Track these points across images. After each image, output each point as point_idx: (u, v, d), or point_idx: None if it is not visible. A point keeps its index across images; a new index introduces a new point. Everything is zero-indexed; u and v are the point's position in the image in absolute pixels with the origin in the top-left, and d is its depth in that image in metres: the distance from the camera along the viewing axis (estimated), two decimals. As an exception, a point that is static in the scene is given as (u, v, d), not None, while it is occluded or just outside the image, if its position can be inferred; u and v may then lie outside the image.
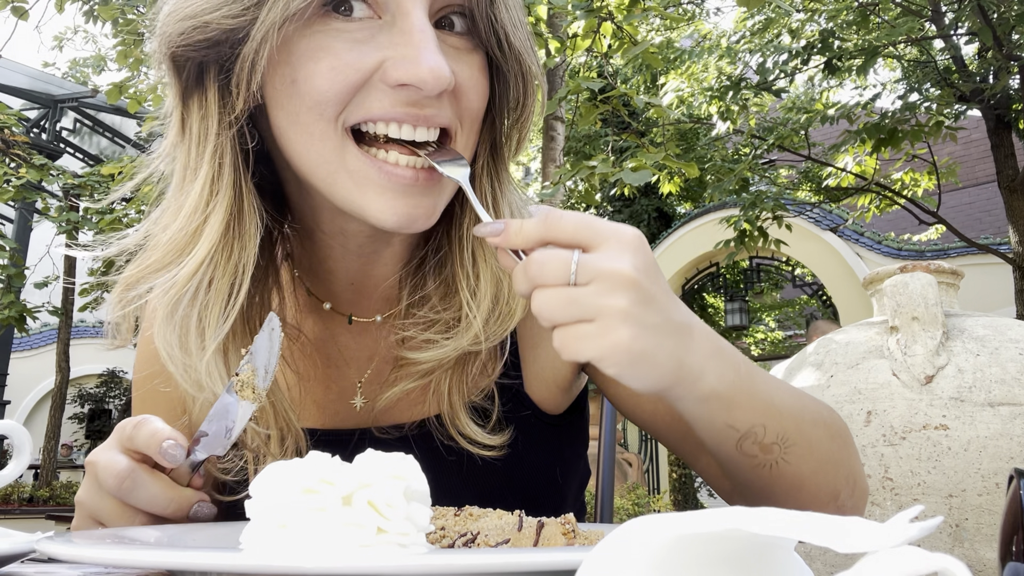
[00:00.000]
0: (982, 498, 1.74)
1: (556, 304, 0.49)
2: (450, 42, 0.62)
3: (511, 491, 0.73)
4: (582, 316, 0.49)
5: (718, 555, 0.28)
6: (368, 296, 0.74)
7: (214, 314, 0.61)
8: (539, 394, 0.77)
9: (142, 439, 0.57)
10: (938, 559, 0.21)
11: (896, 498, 1.82)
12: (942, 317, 1.94)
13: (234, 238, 0.61)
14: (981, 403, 1.81)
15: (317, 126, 0.58)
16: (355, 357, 0.75)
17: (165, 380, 0.70)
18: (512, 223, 0.51)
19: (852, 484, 0.67)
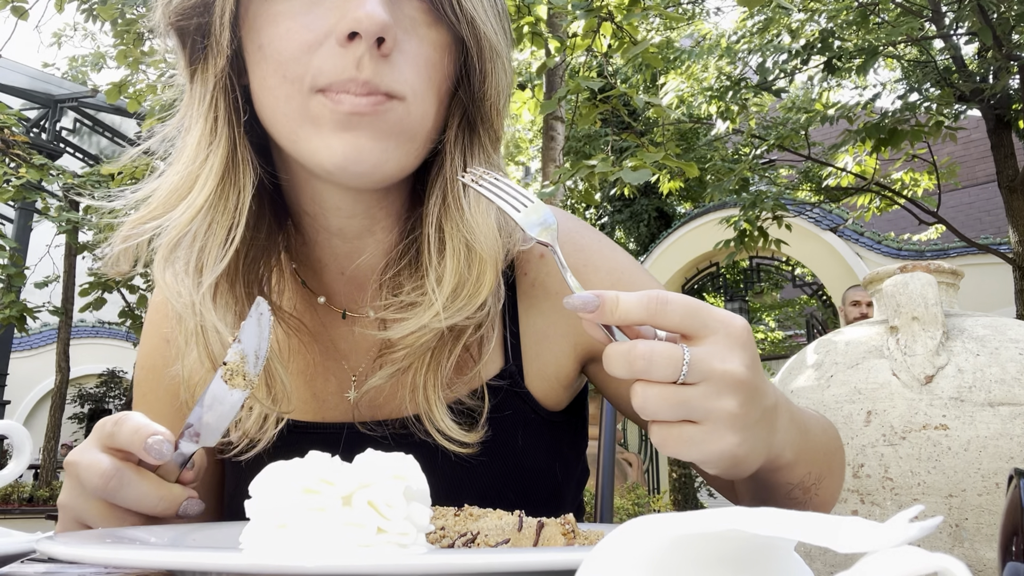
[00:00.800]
0: (982, 498, 1.74)
1: (663, 403, 0.48)
2: (407, 10, 0.62)
3: (510, 488, 0.72)
4: (689, 417, 0.48)
5: (718, 555, 0.28)
6: (360, 289, 0.74)
7: (212, 255, 0.63)
8: (540, 390, 0.77)
9: (124, 436, 0.55)
10: (938, 559, 0.21)
11: (896, 498, 1.82)
12: (942, 317, 1.94)
13: (230, 186, 0.64)
14: (981, 403, 1.81)
15: (282, 88, 0.60)
16: (351, 351, 0.75)
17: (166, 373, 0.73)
18: (608, 298, 0.49)
19: None
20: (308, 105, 0.60)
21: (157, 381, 0.79)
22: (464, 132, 0.69)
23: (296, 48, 0.59)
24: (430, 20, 0.63)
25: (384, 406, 0.74)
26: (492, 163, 0.70)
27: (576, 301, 0.50)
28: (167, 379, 0.74)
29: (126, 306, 8.23)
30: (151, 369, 0.79)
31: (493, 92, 0.67)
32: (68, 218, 7.09)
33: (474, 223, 0.66)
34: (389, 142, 0.61)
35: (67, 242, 7.57)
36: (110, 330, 12.16)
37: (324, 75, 0.59)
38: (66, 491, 0.57)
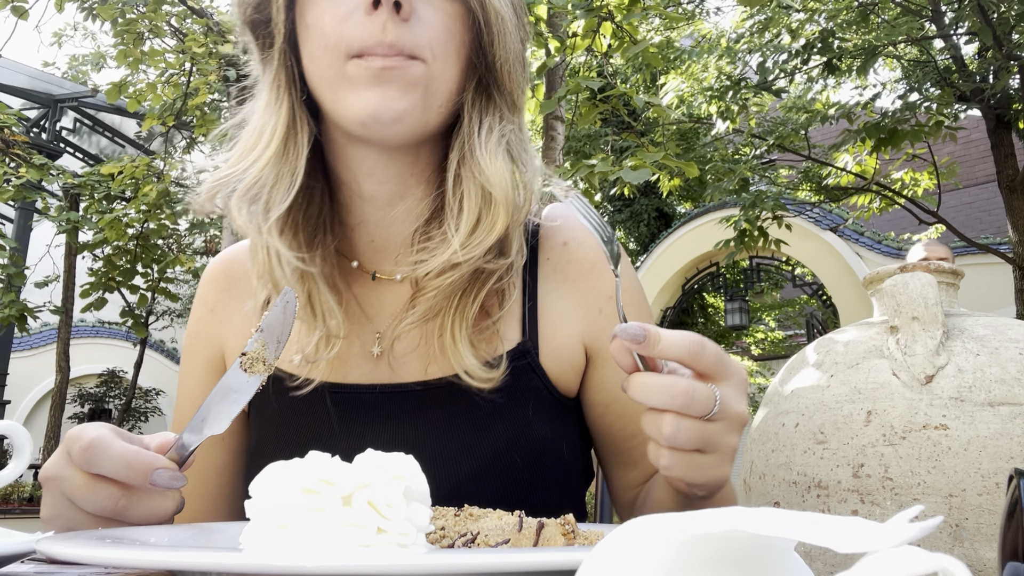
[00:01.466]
0: (982, 498, 1.74)
1: (692, 435, 0.55)
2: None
3: (518, 454, 0.76)
4: (705, 448, 0.56)
5: (718, 555, 0.28)
6: (389, 256, 0.82)
7: (277, 198, 0.73)
8: (552, 369, 0.81)
9: (108, 465, 0.54)
10: (938, 559, 0.21)
11: (896, 498, 1.82)
12: (942, 317, 1.94)
13: (291, 141, 0.74)
14: (981, 403, 1.81)
15: (324, 57, 0.70)
16: (376, 314, 0.82)
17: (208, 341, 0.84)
18: (652, 333, 0.54)
19: None
20: (345, 69, 0.69)
21: (201, 349, 0.86)
22: (481, 95, 0.76)
23: (332, 20, 0.69)
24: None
25: (405, 366, 0.79)
26: (509, 127, 0.78)
27: (627, 332, 0.54)
28: (209, 348, 0.85)
29: (126, 306, 8.22)
30: (195, 336, 0.87)
31: (502, 55, 0.74)
32: (68, 218, 7.08)
33: (488, 171, 0.74)
34: (414, 94, 0.70)
35: (67, 242, 7.56)
36: (110, 330, 12.17)
37: (356, 41, 0.68)
38: (48, 507, 0.57)
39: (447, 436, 0.76)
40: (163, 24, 5.71)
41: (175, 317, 12.44)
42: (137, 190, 6.98)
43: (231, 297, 0.86)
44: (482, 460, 0.75)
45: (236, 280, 0.87)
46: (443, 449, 0.75)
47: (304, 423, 0.79)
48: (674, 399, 0.54)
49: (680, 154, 5.55)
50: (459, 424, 0.77)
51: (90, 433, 0.55)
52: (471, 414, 0.76)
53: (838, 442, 1.95)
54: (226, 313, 0.86)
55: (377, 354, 0.80)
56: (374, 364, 0.80)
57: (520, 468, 0.75)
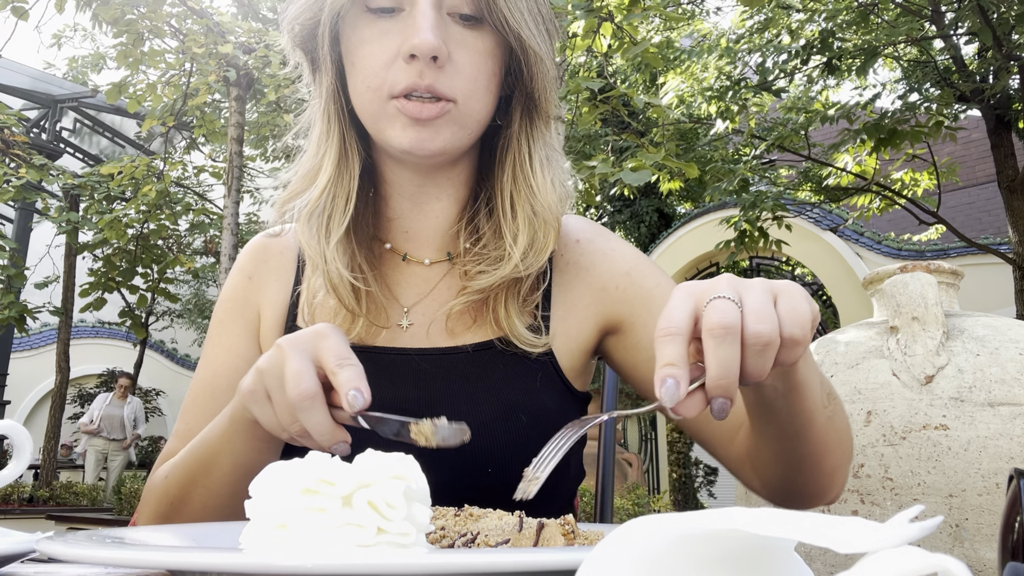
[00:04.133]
0: (982, 498, 1.74)
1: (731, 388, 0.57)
2: (458, 28, 0.79)
3: (523, 412, 0.84)
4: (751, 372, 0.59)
5: (718, 555, 0.28)
6: (419, 244, 0.91)
7: (336, 219, 0.84)
8: (561, 352, 0.89)
9: (328, 358, 0.62)
10: (938, 559, 0.21)
11: (896, 498, 1.82)
12: (942, 317, 1.94)
13: (344, 168, 0.85)
14: (981, 403, 1.81)
15: (367, 95, 0.80)
16: (404, 292, 0.91)
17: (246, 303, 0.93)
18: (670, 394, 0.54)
19: (850, 455, 0.80)
20: (386, 108, 0.79)
21: (239, 312, 0.93)
22: (526, 123, 0.86)
23: (376, 66, 0.78)
24: (477, 33, 0.80)
25: (428, 337, 0.88)
26: (548, 143, 0.88)
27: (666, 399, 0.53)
28: (247, 309, 0.93)
29: (126, 306, 8.22)
30: (232, 301, 0.94)
31: (541, 85, 0.84)
32: (68, 218, 7.09)
33: (540, 195, 0.84)
34: (447, 131, 0.80)
35: (67, 242, 7.57)
36: (110, 330, 12.18)
37: (397, 85, 0.77)
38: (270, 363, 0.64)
39: (459, 392, 0.84)
40: (163, 24, 5.71)
41: (175, 317, 12.45)
42: (137, 190, 6.98)
43: (268, 269, 0.95)
44: (490, 415, 0.82)
45: (273, 256, 0.96)
46: (453, 400, 0.83)
47: None
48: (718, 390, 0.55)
49: (680, 154, 5.55)
50: (472, 383, 0.85)
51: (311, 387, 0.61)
52: (484, 377, 0.85)
53: (838, 442, 1.95)
54: (263, 282, 0.94)
55: (406, 327, 0.89)
56: (401, 333, 0.89)
57: (525, 426, 0.83)
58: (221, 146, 8.01)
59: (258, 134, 7.89)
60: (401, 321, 0.89)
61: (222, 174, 7.02)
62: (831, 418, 0.72)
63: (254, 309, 0.94)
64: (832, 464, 0.76)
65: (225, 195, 6.24)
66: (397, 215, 0.91)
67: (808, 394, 0.67)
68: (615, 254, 0.94)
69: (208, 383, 0.91)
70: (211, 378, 0.91)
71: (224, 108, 7.53)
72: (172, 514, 0.77)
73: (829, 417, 0.72)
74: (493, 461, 0.79)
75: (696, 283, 0.58)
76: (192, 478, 0.75)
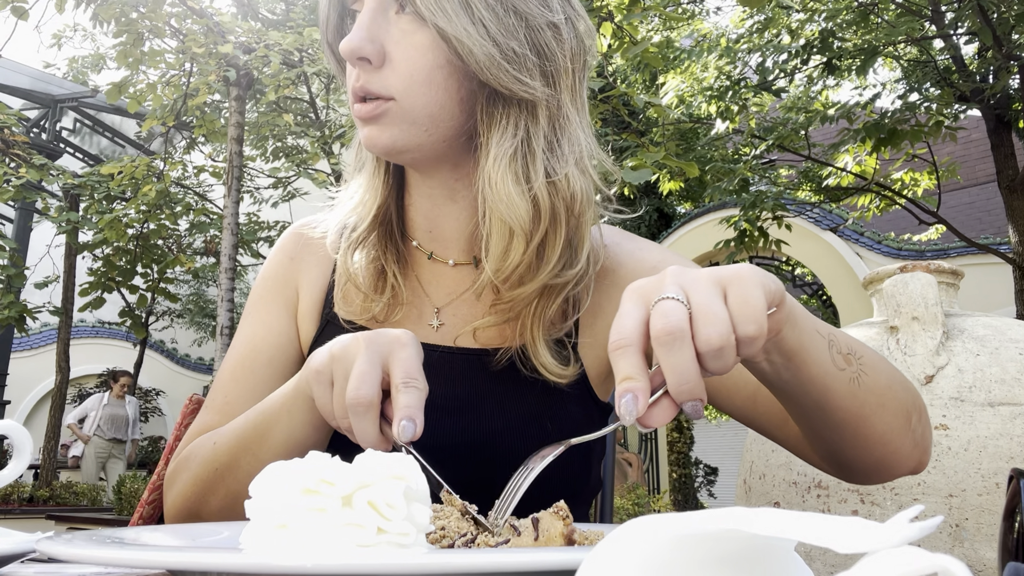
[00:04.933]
0: (982, 498, 1.74)
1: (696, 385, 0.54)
2: (400, 26, 0.78)
3: (550, 421, 0.83)
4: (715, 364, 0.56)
5: (718, 555, 0.28)
6: (443, 244, 0.91)
7: (367, 207, 0.88)
8: (587, 356, 0.88)
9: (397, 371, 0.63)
10: (938, 559, 0.21)
11: (896, 498, 1.82)
12: (942, 317, 1.94)
13: (379, 165, 0.88)
14: (981, 403, 1.81)
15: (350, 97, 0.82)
16: (434, 291, 0.91)
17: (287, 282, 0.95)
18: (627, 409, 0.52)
19: (918, 409, 0.74)
20: (354, 110, 0.82)
21: (280, 290, 0.95)
22: (489, 107, 0.80)
23: (338, 67, 0.85)
24: (415, 28, 0.78)
25: (460, 338, 0.88)
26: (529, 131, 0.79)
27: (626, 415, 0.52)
28: (288, 288, 0.95)
29: (126, 306, 8.22)
30: (273, 279, 0.96)
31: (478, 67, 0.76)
32: (68, 218, 7.09)
33: (494, 196, 0.79)
34: (394, 128, 0.79)
35: (67, 242, 7.57)
36: (110, 330, 12.18)
37: (350, 89, 0.81)
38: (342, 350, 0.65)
39: (488, 393, 0.84)
40: (163, 24, 5.71)
41: (175, 317, 12.44)
42: (137, 190, 6.97)
43: (309, 252, 0.97)
44: (517, 419, 0.82)
45: (313, 241, 0.98)
46: (482, 404, 0.83)
47: None
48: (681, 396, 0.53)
49: (680, 154, 5.54)
50: (501, 387, 0.85)
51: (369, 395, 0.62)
52: (514, 380, 0.84)
53: (838, 442, 1.95)
54: (304, 264, 0.96)
55: (436, 327, 0.89)
56: (432, 332, 0.89)
57: (551, 432, 0.82)
58: (221, 146, 8.02)
59: (258, 134, 7.89)
60: (432, 321, 0.90)
61: (222, 174, 7.02)
62: (856, 380, 0.67)
63: (293, 289, 0.95)
64: (880, 431, 0.71)
65: (225, 195, 6.24)
66: (420, 214, 0.91)
67: (811, 361, 0.63)
68: (641, 252, 0.93)
69: (248, 358, 0.91)
70: (251, 353, 0.92)
71: (224, 108, 7.53)
72: (215, 481, 0.77)
73: (852, 379, 0.67)
74: (518, 465, 0.80)
75: (645, 283, 0.55)
76: (244, 445, 0.75)
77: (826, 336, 0.66)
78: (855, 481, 0.79)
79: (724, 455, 12.38)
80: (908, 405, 0.72)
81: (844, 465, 0.77)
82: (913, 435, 0.74)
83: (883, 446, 0.72)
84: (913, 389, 0.75)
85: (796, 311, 0.61)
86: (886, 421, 0.70)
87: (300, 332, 0.93)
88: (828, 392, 0.66)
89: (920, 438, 0.75)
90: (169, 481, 0.84)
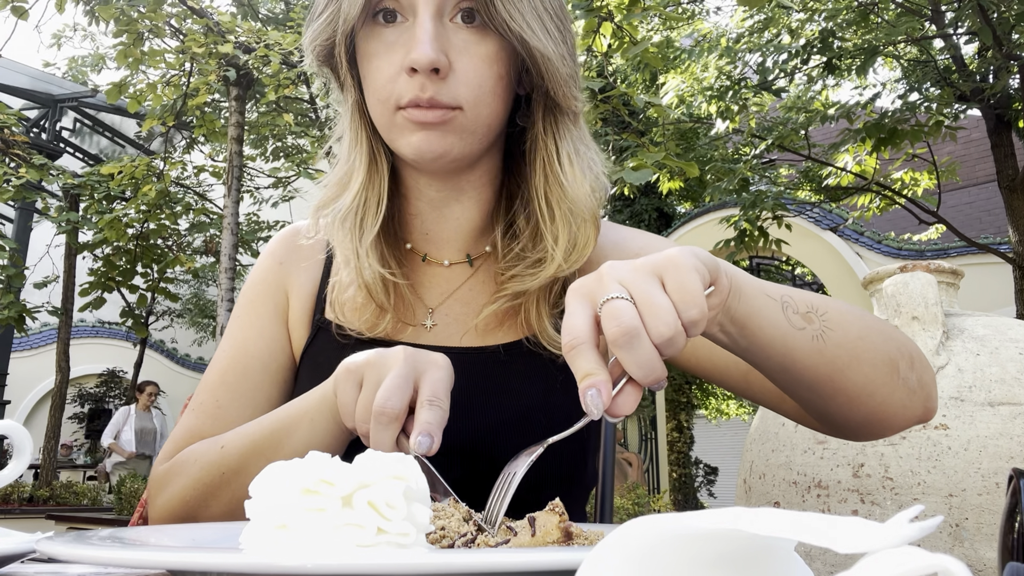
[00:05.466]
0: (982, 498, 1.75)
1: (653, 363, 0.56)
2: (461, 35, 0.79)
3: (542, 415, 0.85)
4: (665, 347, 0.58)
5: (718, 555, 0.28)
6: (439, 246, 0.93)
7: (368, 220, 0.86)
8: None
9: (425, 389, 0.65)
10: (938, 559, 0.21)
11: (896, 498, 1.82)
12: (942, 317, 1.94)
13: (374, 173, 0.87)
14: (981, 403, 1.81)
15: (377, 107, 0.82)
16: (427, 292, 0.92)
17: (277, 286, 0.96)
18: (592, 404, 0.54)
19: (908, 356, 0.73)
20: (394, 119, 0.81)
21: (270, 293, 0.96)
22: (549, 121, 0.86)
23: (383, 79, 0.80)
24: (479, 37, 0.80)
25: (451, 337, 0.90)
26: (575, 137, 0.87)
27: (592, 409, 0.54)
28: (278, 292, 0.95)
29: (126, 306, 8.22)
30: (263, 283, 0.97)
31: (555, 83, 0.82)
32: (68, 218, 7.08)
33: (572, 192, 0.84)
34: (452, 136, 0.80)
35: (67, 242, 7.56)
36: (110, 330, 12.17)
37: (401, 97, 0.79)
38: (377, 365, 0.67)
39: (478, 392, 0.85)
40: (163, 24, 5.71)
41: (175, 317, 12.44)
42: (137, 190, 6.97)
43: (299, 258, 0.97)
44: (509, 415, 0.84)
45: (301, 246, 0.98)
46: (471, 399, 0.84)
47: None
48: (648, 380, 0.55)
49: (680, 154, 5.55)
50: (493, 384, 0.86)
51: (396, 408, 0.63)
52: (506, 378, 0.86)
53: (838, 442, 1.95)
54: (293, 269, 0.97)
55: (430, 327, 0.90)
56: (424, 332, 0.91)
57: (543, 428, 0.82)
58: (221, 146, 8.02)
59: (258, 134, 7.90)
60: (425, 321, 0.91)
61: (222, 174, 7.03)
62: (820, 336, 0.67)
63: (284, 294, 0.96)
64: (859, 384, 0.70)
65: (225, 195, 6.24)
66: (418, 217, 0.92)
67: (766, 325, 0.64)
68: (625, 241, 0.95)
69: (240, 362, 0.91)
70: (243, 358, 0.91)
71: (224, 108, 7.53)
72: (220, 486, 0.76)
73: (816, 337, 0.67)
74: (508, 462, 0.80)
75: (586, 282, 0.57)
76: (257, 450, 0.75)
77: (778, 299, 0.66)
78: (858, 438, 0.79)
79: (724, 455, 12.39)
80: (891, 354, 0.71)
81: (837, 424, 0.76)
82: (906, 384, 0.73)
83: (868, 398, 0.71)
84: (899, 336, 0.74)
85: (739, 280, 0.62)
86: (864, 373, 0.70)
87: (292, 338, 0.94)
88: (791, 353, 0.66)
89: (917, 385, 0.74)
90: (160, 483, 0.82)
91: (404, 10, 0.80)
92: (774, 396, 0.84)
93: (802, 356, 0.67)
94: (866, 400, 0.71)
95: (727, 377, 0.86)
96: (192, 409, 0.89)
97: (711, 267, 0.58)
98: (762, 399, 0.85)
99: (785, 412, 0.85)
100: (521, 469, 0.59)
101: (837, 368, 0.68)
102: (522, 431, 0.83)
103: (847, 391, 0.70)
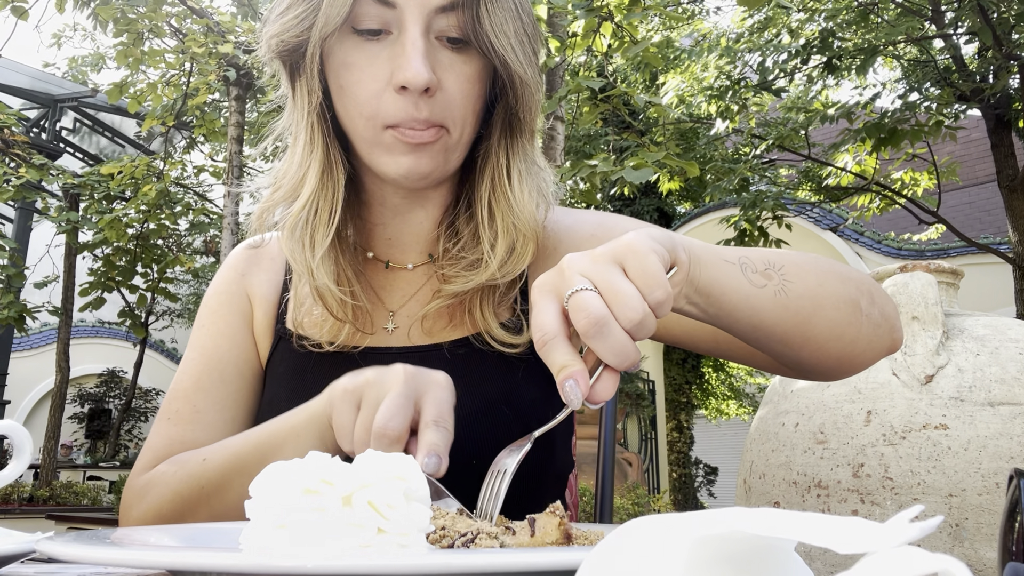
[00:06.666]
0: (982, 498, 1.75)
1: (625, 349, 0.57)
2: (446, 53, 0.78)
3: (508, 408, 0.85)
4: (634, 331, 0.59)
5: (718, 555, 0.28)
6: (402, 250, 0.92)
7: (320, 232, 0.83)
8: None
9: (429, 410, 0.64)
10: (938, 559, 0.21)
11: (896, 498, 1.82)
12: (942, 317, 1.94)
13: (328, 180, 0.83)
14: (981, 403, 1.81)
15: (359, 121, 0.79)
16: (389, 296, 0.92)
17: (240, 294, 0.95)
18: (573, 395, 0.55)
19: (868, 292, 0.75)
20: (381, 137, 0.79)
21: (234, 304, 0.95)
22: (505, 136, 0.86)
23: (367, 94, 0.78)
24: (465, 58, 0.79)
25: (414, 336, 0.89)
26: (528, 156, 0.88)
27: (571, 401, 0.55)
28: (241, 300, 0.94)
29: (126, 306, 8.22)
30: (225, 293, 0.96)
31: (525, 106, 0.83)
32: (68, 218, 7.08)
33: (518, 207, 0.84)
34: (439, 158, 0.80)
35: (67, 242, 7.56)
36: (110, 330, 12.16)
37: (391, 116, 0.77)
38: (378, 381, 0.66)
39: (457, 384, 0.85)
40: (163, 24, 5.71)
41: (175, 317, 12.44)
42: (137, 190, 6.97)
43: (259, 269, 0.97)
44: (475, 409, 0.83)
45: (262, 258, 0.98)
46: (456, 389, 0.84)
47: (317, 377, 0.84)
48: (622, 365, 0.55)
49: (680, 154, 5.55)
50: (457, 379, 0.84)
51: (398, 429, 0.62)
52: (466, 373, 0.84)
53: (838, 442, 1.95)
54: (254, 280, 0.96)
55: (391, 330, 0.90)
56: (387, 336, 0.90)
57: (510, 420, 0.84)
58: (221, 146, 8.02)
59: (258, 134, 7.90)
60: (387, 325, 0.90)
61: (222, 174, 7.03)
62: (781, 291, 0.68)
63: (247, 302, 0.95)
64: (826, 329, 0.71)
65: (225, 195, 6.24)
66: (381, 225, 0.91)
67: (730, 290, 0.65)
68: (578, 224, 0.94)
69: (214, 368, 0.90)
70: (217, 364, 0.90)
71: (224, 108, 7.53)
72: (198, 501, 0.74)
73: (778, 292, 0.68)
74: (477, 454, 0.78)
75: (547, 278, 0.57)
76: (240, 465, 0.73)
77: (736, 262, 0.66)
78: (832, 379, 0.80)
79: (724, 455, 12.39)
80: (851, 294, 0.73)
81: (810, 370, 0.77)
82: (870, 320, 0.74)
83: (836, 341, 0.72)
84: (855, 276, 0.75)
85: (697, 251, 0.63)
86: (829, 317, 0.71)
87: (259, 347, 0.93)
88: (758, 312, 0.67)
89: (881, 318, 0.75)
90: (137, 493, 0.80)
91: (389, 24, 0.77)
92: (744, 352, 0.85)
93: (768, 313, 0.67)
94: (835, 343, 0.72)
95: (698, 340, 0.87)
96: (168, 418, 0.87)
97: (668, 246, 0.59)
98: (732, 356, 0.86)
99: (757, 365, 0.85)
100: (512, 465, 0.59)
101: (803, 318, 0.69)
102: (490, 423, 0.83)
103: (816, 338, 0.71)
